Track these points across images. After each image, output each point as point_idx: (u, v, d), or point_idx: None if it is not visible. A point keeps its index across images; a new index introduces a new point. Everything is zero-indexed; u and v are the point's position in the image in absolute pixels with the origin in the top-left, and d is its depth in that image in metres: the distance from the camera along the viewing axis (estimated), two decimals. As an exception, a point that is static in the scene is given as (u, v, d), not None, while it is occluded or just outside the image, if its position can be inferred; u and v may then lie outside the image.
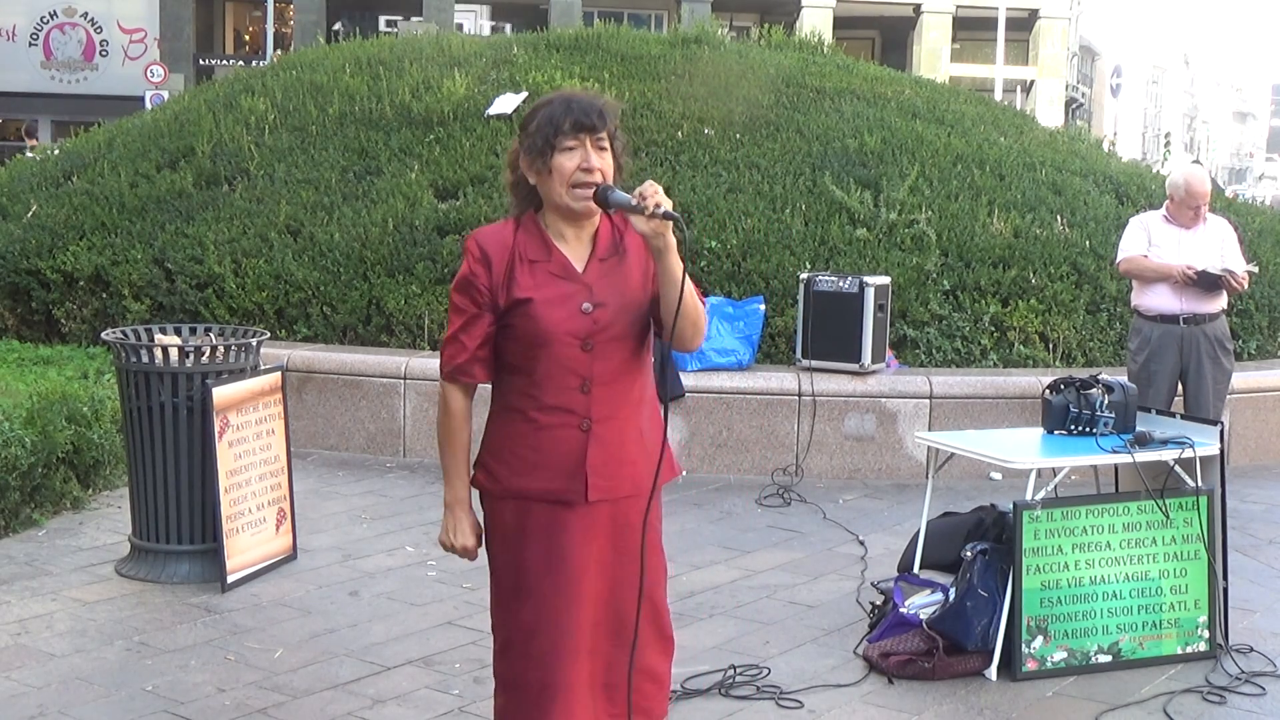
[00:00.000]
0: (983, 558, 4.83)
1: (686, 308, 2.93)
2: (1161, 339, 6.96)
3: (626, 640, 3.06)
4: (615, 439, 3.03)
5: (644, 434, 3.09)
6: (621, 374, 3.04)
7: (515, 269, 3.04)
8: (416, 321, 8.38)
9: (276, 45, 33.22)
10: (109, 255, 9.12)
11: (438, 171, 9.60)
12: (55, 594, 5.34)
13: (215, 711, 4.27)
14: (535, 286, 3.01)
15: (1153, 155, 64.39)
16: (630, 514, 3.06)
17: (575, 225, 3.06)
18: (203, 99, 11.93)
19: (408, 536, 6.31)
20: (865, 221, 8.96)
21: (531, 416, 3.03)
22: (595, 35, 12.47)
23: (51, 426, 6.21)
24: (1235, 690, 4.66)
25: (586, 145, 2.97)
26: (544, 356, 3.00)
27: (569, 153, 2.97)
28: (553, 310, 2.99)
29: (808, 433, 7.69)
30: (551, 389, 3.01)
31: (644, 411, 3.11)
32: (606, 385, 3.02)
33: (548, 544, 3.04)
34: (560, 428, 3.02)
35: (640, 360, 3.08)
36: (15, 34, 36.68)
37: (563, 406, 3.01)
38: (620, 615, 3.08)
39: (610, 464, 3.03)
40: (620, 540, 3.07)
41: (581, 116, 2.97)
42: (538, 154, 2.99)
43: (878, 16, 40.65)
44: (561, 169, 2.97)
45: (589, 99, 3.03)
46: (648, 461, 3.07)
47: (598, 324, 3.00)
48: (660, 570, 3.20)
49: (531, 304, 3.00)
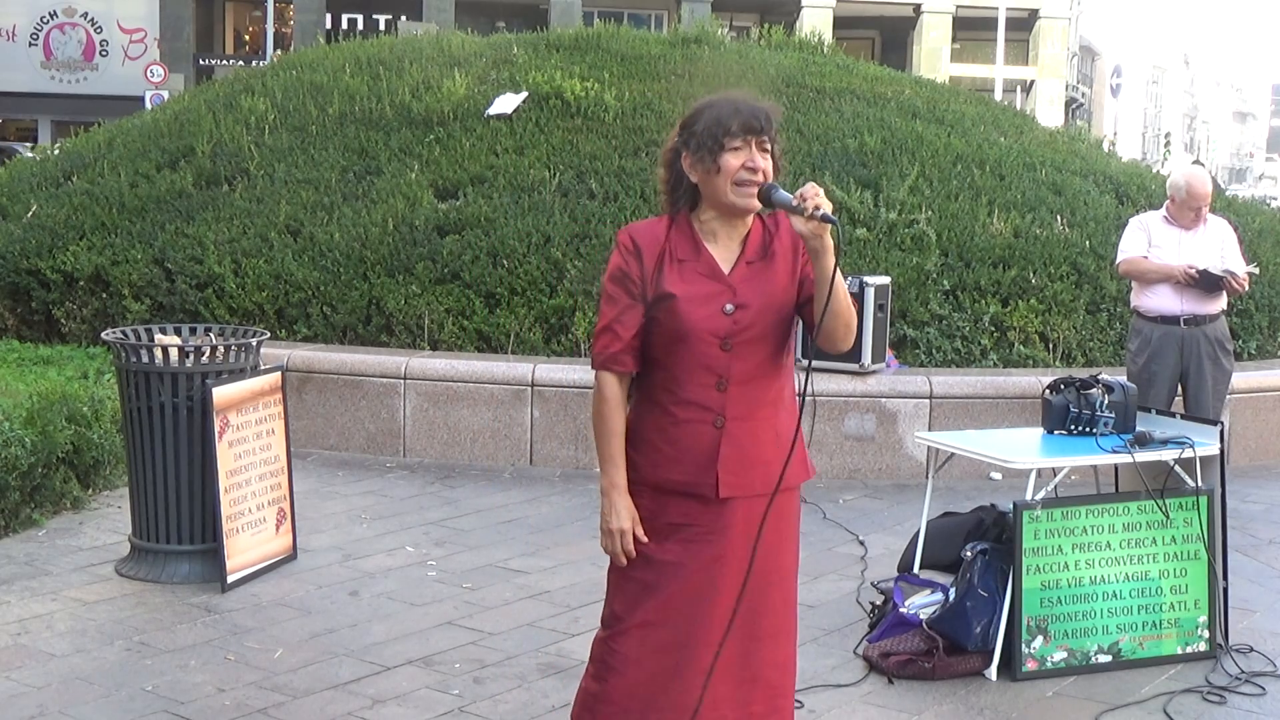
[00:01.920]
0: (983, 558, 4.83)
1: (839, 307, 3.01)
2: (1162, 340, 6.95)
3: (759, 633, 3.14)
4: (749, 438, 3.10)
5: (780, 435, 3.15)
6: (759, 374, 3.11)
7: (665, 264, 3.12)
8: (416, 321, 8.38)
9: (276, 45, 33.23)
10: (109, 255, 9.12)
11: (438, 171, 9.61)
12: (55, 594, 5.34)
13: (215, 711, 4.27)
14: (681, 283, 3.09)
15: (1153, 155, 64.41)
16: (762, 512, 3.10)
17: (729, 226, 3.14)
18: (203, 99, 11.94)
19: (408, 536, 6.31)
20: (865, 221, 8.96)
21: (670, 410, 3.12)
22: (595, 35, 12.47)
23: (51, 426, 6.21)
24: (1235, 690, 4.66)
25: (751, 146, 3.07)
26: (683, 352, 3.09)
27: (735, 152, 3.06)
28: (695, 308, 3.07)
29: (807, 433, 7.67)
30: (689, 385, 3.10)
31: (781, 412, 3.17)
32: (743, 384, 3.09)
33: (680, 536, 3.11)
34: (696, 423, 3.10)
35: (779, 362, 3.16)
36: (15, 34, 36.71)
37: (699, 402, 3.09)
38: (754, 610, 3.13)
39: (744, 462, 3.10)
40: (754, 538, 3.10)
41: (750, 119, 3.08)
42: (706, 152, 3.08)
43: (878, 16, 40.69)
44: (729, 167, 3.06)
45: (756, 102, 3.13)
46: (782, 461, 3.12)
47: (738, 324, 3.08)
48: (790, 566, 3.25)
49: (676, 300, 3.08)
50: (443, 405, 7.83)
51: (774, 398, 3.14)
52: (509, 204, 9.08)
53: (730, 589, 3.10)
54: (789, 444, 3.14)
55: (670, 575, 3.11)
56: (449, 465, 7.74)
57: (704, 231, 3.14)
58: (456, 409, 7.82)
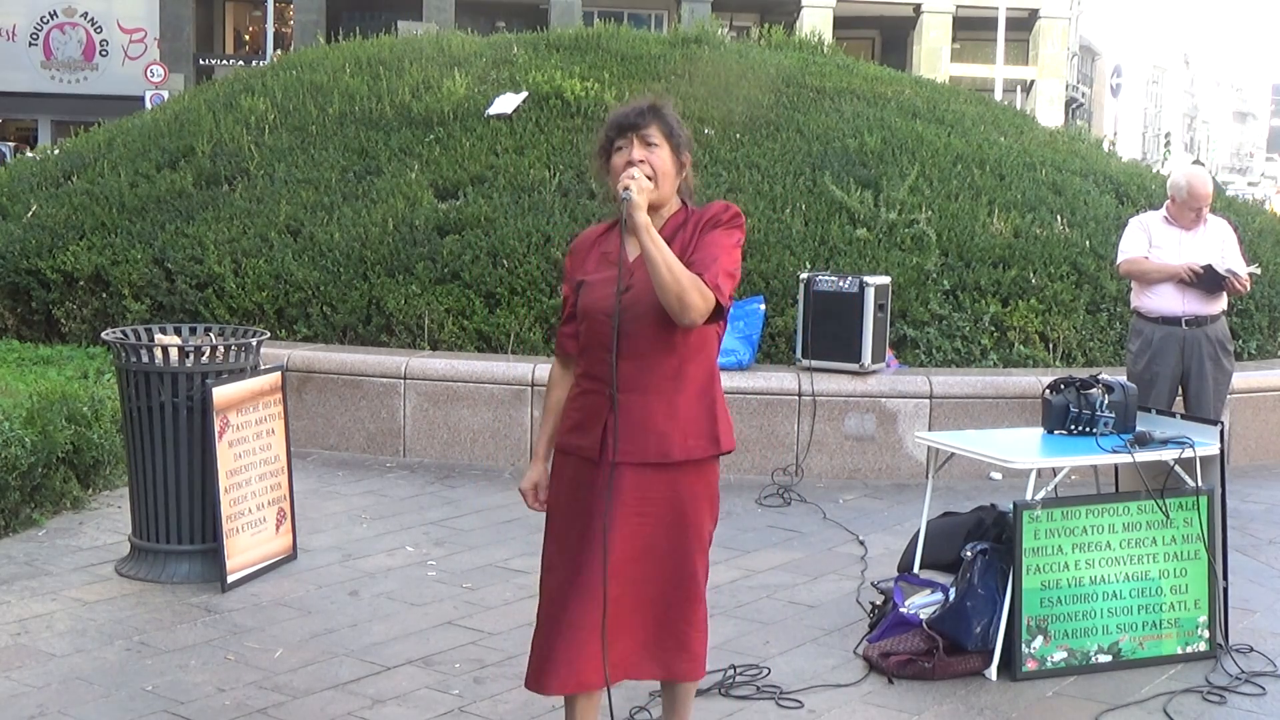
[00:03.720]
0: (983, 558, 4.82)
1: (660, 280, 3.22)
2: (1163, 341, 6.94)
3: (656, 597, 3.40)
4: (640, 410, 3.35)
5: (676, 410, 3.36)
6: (650, 351, 3.34)
7: (590, 258, 3.48)
8: (416, 321, 8.38)
9: (276, 45, 33.23)
10: (109, 255, 9.12)
11: (438, 171, 9.61)
12: (55, 594, 5.34)
13: (215, 711, 4.27)
14: (592, 271, 3.44)
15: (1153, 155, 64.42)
16: (657, 480, 3.36)
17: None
18: (203, 99, 11.94)
19: (408, 536, 6.31)
20: (865, 221, 8.96)
21: (579, 383, 3.48)
22: (595, 35, 12.47)
23: (51, 426, 6.21)
24: (1235, 690, 4.66)
25: (633, 142, 3.35)
26: (588, 331, 3.41)
27: (620, 152, 3.37)
28: (594, 290, 3.40)
29: (808, 433, 7.69)
30: (592, 360, 3.42)
31: (683, 389, 3.38)
32: (634, 360, 3.33)
33: (575, 495, 3.44)
34: (595, 394, 3.40)
35: (671, 340, 3.35)
36: (15, 34, 36.72)
37: (597, 375, 3.39)
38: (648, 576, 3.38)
39: (635, 432, 3.34)
40: (647, 504, 3.36)
41: (624, 118, 3.38)
42: (604, 157, 3.42)
43: (878, 16, 40.69)
44: (615, 166, 3.37)
45: (641, 101, 3.43)
46: (680, 434, 3.36)
47: (625, 305, 3.31)
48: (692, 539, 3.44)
49: (584, 285, 3.43)
50: (443, 405, 7.83)
51: (670, 373, 3.36)
52: (509, 204, 9.08)
53: (625, 552, 3.35)
54: (689, 419, 3.37)
55: (566, 528, 3.46)
56: (449, 465, 7.74)
57: (627, 227, 3.37)
58: (456, 409, 7.82)
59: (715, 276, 3.27)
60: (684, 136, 3.40)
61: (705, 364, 3.42)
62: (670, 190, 3.38)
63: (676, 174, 3.39)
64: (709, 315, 3.29)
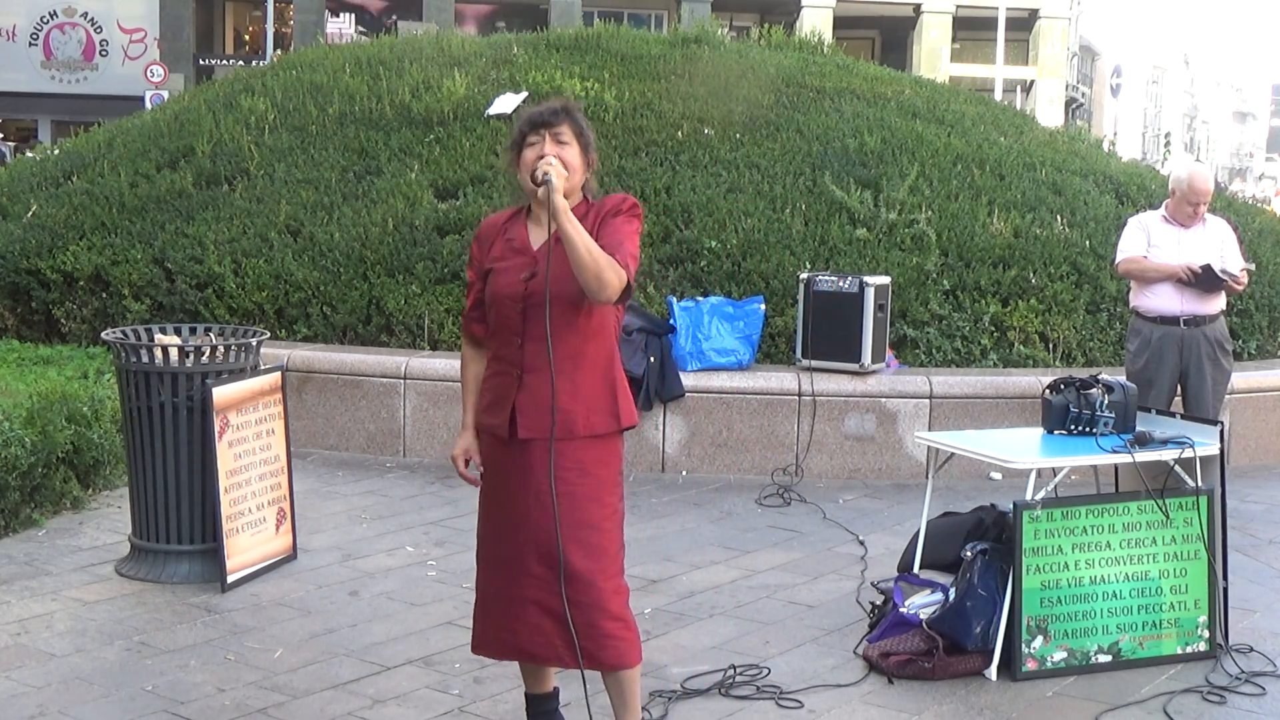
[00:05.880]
0: (983, 558, 4.83)
1: (578, 260, 3.42)
2: (1162, 341, 6.94)
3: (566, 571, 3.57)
4: (544, 389, 3.55)
5: (581, 387, 3.59)
6: (552, 332, 3.52)
7: (496, 245, 3.69)
8: (416, 321, 8.38)
9: (276, 45, 33.21)
10: (109, 255, 9.12)
11: (438, 171, 9.61)
12: (55, 594, 5.34)
13: (215, 711, 4.27)
14: (499, 259, 3.66)
15: (1153, 155, 64.43)
16: (564, 455, 3.56)
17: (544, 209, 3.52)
18: (203, 99, 11.93)
19: (408, 536, 6.31)
20: (865, 221, 8.96)
21: (491, 364, 3.71)
22: (595, 35, 12.47)
23: (51, 426, 6.21)
24: (1235, 690, 4.66)
25: (545, 139, 3.57)
26: (496, 315, 3.64)
27: (531, 147, 3.59)
28: (501, 277, 3.62)
29: (808, 433, 7.69)
30: (500, 343, 3.65)
31: (584, 368, 3.60)
32: (538, 342, 3.54)
33: (491, 470, 3.73)
34: (504, 375, 3.65)
35: (574, 324, 3.56)
36: (15, 34, 36.70)
37: (505, 358, 3.64)
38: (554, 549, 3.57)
39: (539, 409, 3.56)
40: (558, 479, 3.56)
41: (537, 115, 3.61)
42: (516, 150, 3.63)
43: (878, 16, 40.65)
44: (525, 160, 3.60)
45: (553, 102, 3.67)
46: (586, 411, 3.59)
47: (529, 290, 3.55)
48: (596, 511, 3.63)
49: (491, 272, 3.65)
50: (443, 405, 7.82)
51: (572, 354, 3.56)
52: (509, 204, 9.06)
53: (536, 524, 3.58)
54: (594, 396, 3.59)
55: (487, 501, 3.73)
56: (449, 465, 7.70)
57: (532, 216, 3.67)
58: (456, 409, 7.80)
59: (625, 258, 3.50)
60: (591, 138, 3.66)
61: (605, 345, 3.65)
62: (576, 184, 3.61)
63: (583, 170, 3.64)
64: (620, 294, 3.50)
